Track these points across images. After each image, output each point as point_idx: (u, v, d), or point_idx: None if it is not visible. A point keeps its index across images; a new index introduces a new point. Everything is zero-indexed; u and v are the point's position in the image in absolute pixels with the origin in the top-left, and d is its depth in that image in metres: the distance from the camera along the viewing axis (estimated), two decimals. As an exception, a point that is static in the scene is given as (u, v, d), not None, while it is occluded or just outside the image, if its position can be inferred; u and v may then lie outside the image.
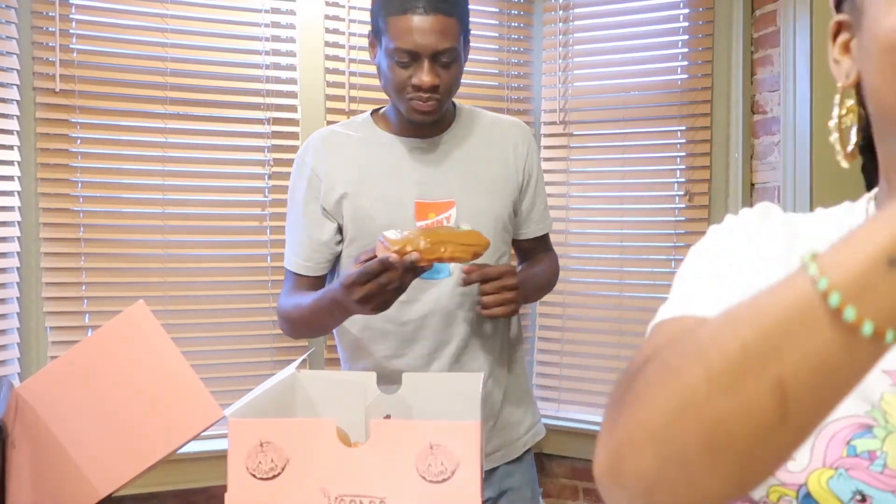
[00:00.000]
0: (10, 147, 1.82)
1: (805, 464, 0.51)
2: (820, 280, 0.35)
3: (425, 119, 1.27)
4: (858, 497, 0.50)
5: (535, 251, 1.50)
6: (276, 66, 2.06)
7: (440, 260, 1.09)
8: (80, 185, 1.90)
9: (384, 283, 1.08)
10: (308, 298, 1.27)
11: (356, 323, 1.34)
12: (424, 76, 1.20)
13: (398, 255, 1.06)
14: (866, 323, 0.33)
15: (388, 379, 1.16)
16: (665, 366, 0.42)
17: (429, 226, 1.20)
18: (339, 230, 1.35)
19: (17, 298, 1.85)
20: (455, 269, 1.31)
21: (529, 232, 1.46)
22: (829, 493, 0.50)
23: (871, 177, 0.65)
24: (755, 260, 0.60)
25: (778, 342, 0.36)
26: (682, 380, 0.39)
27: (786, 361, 0.35)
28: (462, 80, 1.31)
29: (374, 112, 1.39)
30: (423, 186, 1.32)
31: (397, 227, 1.24)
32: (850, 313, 0.34)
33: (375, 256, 1.09)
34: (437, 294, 1.32)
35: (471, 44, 1.34)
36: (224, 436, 0.73)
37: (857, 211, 0.63)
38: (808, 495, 0.51)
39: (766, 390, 0.36)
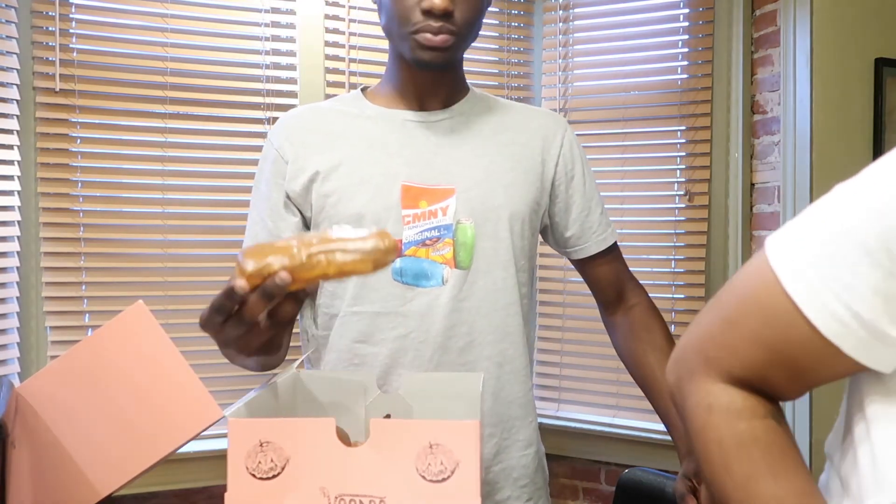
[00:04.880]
0: (10, 147, 1.82)
1: None
2: None
3: (434, 58, 1.02)
4: None
5: (612, 281, 1.21)
6: (276, 66, 2.06)
7: (325, 277, 0.74)
8: (80, 184, 1.90)
9: (246, 320, 0.74)
10: None
11: (323, 346, 1.10)
12: None
13: (249, 283, 0.72)
14: None
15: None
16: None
17: (299, 237, 0.76)
18: (307, 226, 1.10)
19: (17, 298, 1.85)
20: (450, 277, 1.05)
21: (592, 246, 1.18)
22: None
23: None
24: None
25: None
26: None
27: None
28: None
29: (366, 88, 1.18)
30: (415, 167, 1.06)
31: (375, 216, 1.03)
32: None
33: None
34: (424, 308, 1.04)
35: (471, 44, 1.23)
36: (224, 436, 0.73)
37: None
38: None
39: None
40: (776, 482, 0.61)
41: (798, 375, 0.62)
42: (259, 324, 0.76)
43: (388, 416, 0.91)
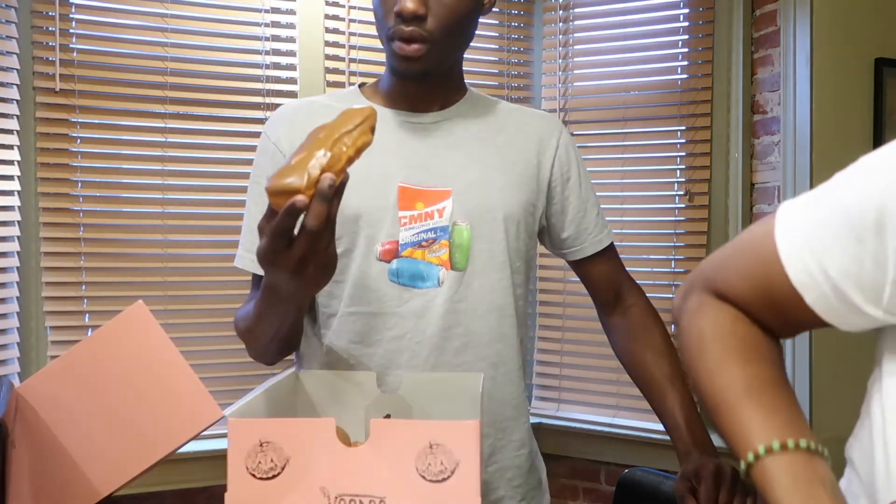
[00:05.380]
0: (10, 147, 1.82)
1: None
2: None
3: (408, 68, 1.01)
4: None
5: (609, 282, 1.21)
6: (276, 66, 2.06)
7: (350, 160, 0.79)
8: (80, 184, 1.91)
9: (314, 229, 0.76)
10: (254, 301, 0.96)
11: (320, 346, 1.09)
12: (408, 1, 0.96)
13: (307, 196, 0.75)
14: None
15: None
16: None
17: (303, 149, 0.80)
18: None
19: (17, 298, 1.85)
20: (446, 279, 1.05)
21: (588, 247, 1.18)
22: None
23: None
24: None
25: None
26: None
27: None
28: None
29: (363, 84, 1.16)
30: (412, 169, 1.06)
31: (371, 217, 1.03)
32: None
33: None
34: (420, 310, 1.04)
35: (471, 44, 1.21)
36: (224, 436, 0.73)
37: None
38: None
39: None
40: (744, 368, 0.67)
41: (777, 313, 0.69)
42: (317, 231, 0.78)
43: (388, 416, 0.91)
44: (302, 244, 0.78)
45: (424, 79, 1.05)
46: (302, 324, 1.05)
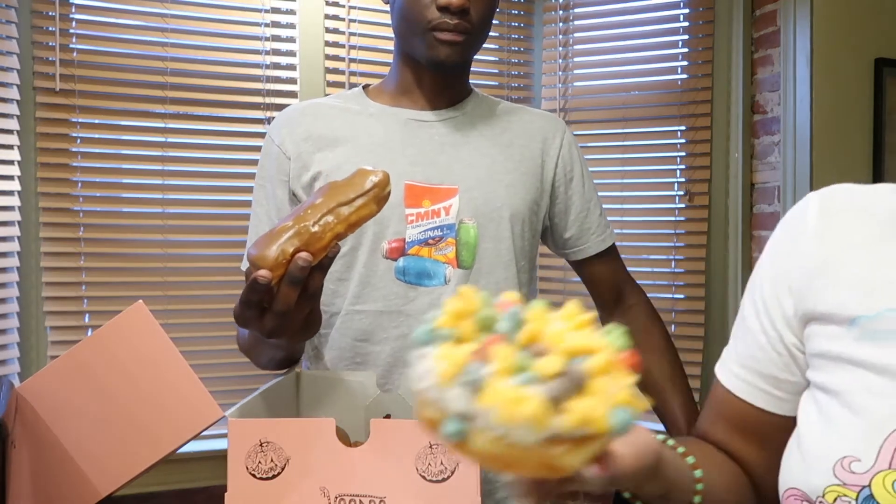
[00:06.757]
0: (10, 147, 1.82)
1: (870, 465, 0.51)
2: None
3: (449, 55, 1.02)
4: None
5: (611, 282, 1.21)
6: (276, 66, 2.06)
7: (339, 237, 0.73)
8: (80, 185, 1.90)
9: (281, 310, 0.73)
10: None
11: (323, 345, 1.10)
12: None
13: (271, 273, 0.70)
14: None
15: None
16: None
17: (304, 211, 0.74)
18: None
19: (17, 298, 1.85)
20: (452, 277, 1.05)
21: (591, 247, 1.18)
22: (892, 496, 0.50)
23: None
24: (769, 303, 0.66)
25: None
26: None
27: None
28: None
29: (367, 86, 1.17)
30: (418, 167, 1.06)
31: (382, 213, 0.99)
32: None
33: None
34: (426, 308, 1.04)
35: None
36: (224, 436, 0.73)
37: None
38: (869, 497, 0.51)
39: None
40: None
41: (734, 429, 0.70)
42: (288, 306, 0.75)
43: (388, 416, 0.91)
44: (272, 320, 0.75)
45: (455, 69, 1.07)
46: (318, 319, 1.04)
